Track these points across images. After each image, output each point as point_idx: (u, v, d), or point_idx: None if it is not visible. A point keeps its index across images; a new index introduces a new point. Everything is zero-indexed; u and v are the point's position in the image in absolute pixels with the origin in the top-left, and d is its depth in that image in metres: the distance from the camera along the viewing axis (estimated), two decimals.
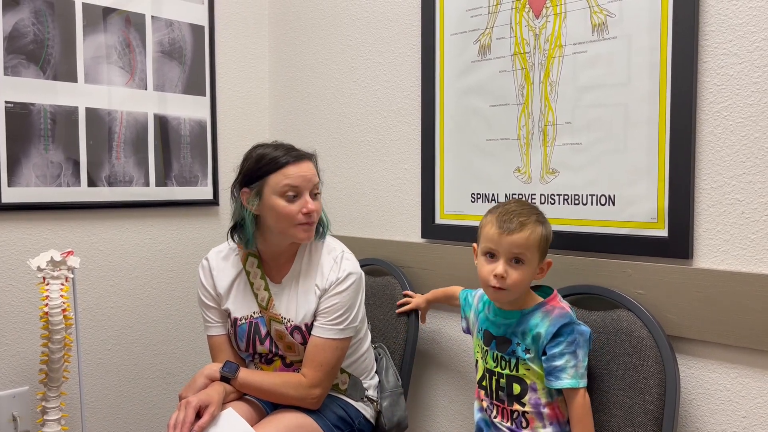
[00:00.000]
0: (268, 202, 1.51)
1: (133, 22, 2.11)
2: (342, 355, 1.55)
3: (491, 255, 1.31)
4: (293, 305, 1.57)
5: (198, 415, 1.39)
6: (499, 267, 1.28)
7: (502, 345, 1.35)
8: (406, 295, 1.82)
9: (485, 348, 1.39)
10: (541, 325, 1.30)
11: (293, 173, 1.49)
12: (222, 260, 1.64)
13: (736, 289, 1.29)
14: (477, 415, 1.43)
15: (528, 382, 1.32)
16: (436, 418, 1.91)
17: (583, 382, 1.28)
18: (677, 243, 1.38)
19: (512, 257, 1.28)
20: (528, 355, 1.31)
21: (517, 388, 1.33)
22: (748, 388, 1.31)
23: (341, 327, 1.52)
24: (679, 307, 1.37)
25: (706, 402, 1.37)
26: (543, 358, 1.29)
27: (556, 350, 1.27)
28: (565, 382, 1.27)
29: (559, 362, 1.27)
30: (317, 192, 1.55)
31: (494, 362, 1.36)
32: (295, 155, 1.53)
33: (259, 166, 1.52)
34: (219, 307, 1.62)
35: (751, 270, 1.30)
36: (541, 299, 1.35)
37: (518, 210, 1.30)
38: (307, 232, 1.52)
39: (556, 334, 1.27)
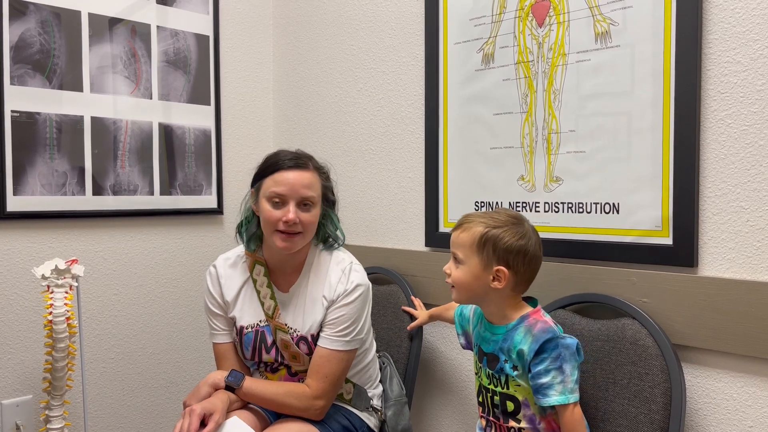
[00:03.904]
0: (260, 205, 1.52)
1: (139, 32, 2.13)
2: (347, 366, 1.54)
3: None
4: (300, 315, 1.56)
5: (203, 423, 1.39)
6: (448, 264, 1.36)
7: (492, 362, 1.33)
8: (410, 304, 1.82)
9: (479, 365, 1.38)
10: (524, 341, 1.27)
11: (281, 180, 1.49)
12: (230, 267, 1.63)
13: (741, 298, 1.28)
14: None
15: (520, 398, 1.29)
16: (440, 428, 1.90)
17: (573, 397, 1.24)
18: (682, 251, 1.37)
19: (453, 256, 1.34)
20: (516, 372, 1.28)
21: (510, 406, 1.30)
22: (754, 397, 1.30)
23: (347, 339, 1.51)
24: (684, 315, 1.36)
25: (712, 411, 1.36)
26: (529, 375, 1.26)
27: (541, 367, 1.24)
28: (553, 399, 1.24)
29: (544, 379, 1.24)
30: (308, 205, 1.51)
31: (488, 379, 1.35)
32: (293, 162, 1.51)
33: (262, 168, 1.55)
34: (226, 315, 1.62)
35: (756, 278, 1.29)
36: (527, 310, 1.32)
37: (478, 214, 1.35)
38: (285, 241, 1.49)
39: (539, 351, 1.24)
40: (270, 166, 1.53)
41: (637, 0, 1.43)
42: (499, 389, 1.32)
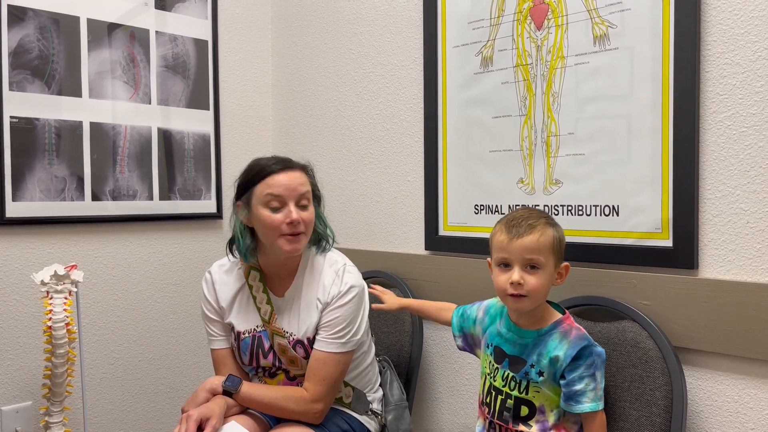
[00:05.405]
0: (255, 213, 1.50)
1: (138, 37, 2.13)
2: (344, 369, 1.54)
3: (505, 264, 1.28)
4: (295, 319, 1.56)
5: (200, 429, 1.38)
6: (515, 274, 1.24)
7: (516, 365, 1.31)
8: (376, 295, 1.68)
9: (495, 365, 1.35)
10: (560, 347, 1.26)
11: (276, 182, 1.48)
12: (225, 274, 1.63)
13: (742, 299, 1.28)
14: None
15: (537, 404, 1.28)
16: None
17: (601, 404, 1.25)
18: (682, 253, 1.37)
19: (526, 263, 1.25)
20: (541, 378, 1.27)
21: (525, 410, 1.29)
22: (756, 399, 1.30)
23: (343, 341, 1.51)
24: (685, 317, 1.36)
25: (713, 414, 1.35)
26: (562, 382, 1.25)
27: (576, 374, 1.24)
28: (586, 406, 1.24)
29: (579, 386, 1.24)
30: (305, 203, 1.51)
31: (503, 381, 1.32)
32: (281, 165, 1.50)
33: (249, 176, 1.52)
34: (222, 320, 1.62)
35: (757, 280, 1.29)
36: (558, 315, 1.31)
37: (526, 215, 1.28)
38: (291, 243, 1.49)
39: (576, 357, 1.24)
40: (257, 173, 1.50)
41: (635, 2, 1.43)
42: (515, 393, 1.30)
